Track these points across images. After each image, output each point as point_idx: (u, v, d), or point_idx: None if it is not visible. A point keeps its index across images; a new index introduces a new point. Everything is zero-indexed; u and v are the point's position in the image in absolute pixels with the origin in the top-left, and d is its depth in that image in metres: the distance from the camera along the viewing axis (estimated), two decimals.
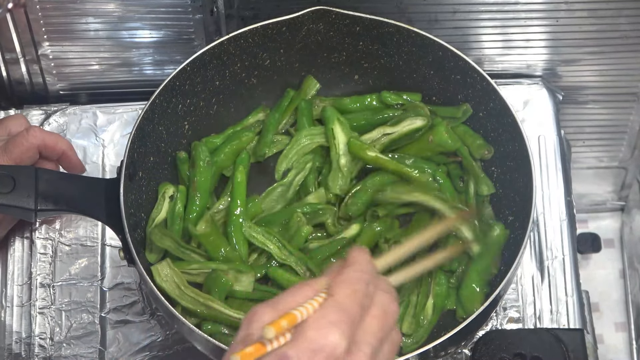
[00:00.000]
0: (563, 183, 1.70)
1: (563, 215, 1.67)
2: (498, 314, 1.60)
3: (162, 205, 1.53)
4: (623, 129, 1.92)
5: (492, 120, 1.57)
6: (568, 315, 1.60)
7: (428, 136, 1.57)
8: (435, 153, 1.58)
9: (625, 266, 2.06)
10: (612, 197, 2.08)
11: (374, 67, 1.65)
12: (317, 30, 1.61)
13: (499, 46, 1.78)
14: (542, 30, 1.74)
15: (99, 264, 1.63)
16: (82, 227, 1.65)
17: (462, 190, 1.58)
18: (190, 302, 1.44)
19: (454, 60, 1.57)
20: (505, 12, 1.71)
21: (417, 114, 1.57)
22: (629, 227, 2.05)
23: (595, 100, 1.87)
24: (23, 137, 1.52)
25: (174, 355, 1.57)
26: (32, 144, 1.52)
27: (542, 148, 1.72)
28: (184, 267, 1.48)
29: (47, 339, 1.59)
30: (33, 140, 1.52)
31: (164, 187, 1.55)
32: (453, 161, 1.59)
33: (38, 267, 1.63)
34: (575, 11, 1.70)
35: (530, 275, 1.63)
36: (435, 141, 1.56)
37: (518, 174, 1.51)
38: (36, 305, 1.60)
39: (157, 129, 1.55)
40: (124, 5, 1.70)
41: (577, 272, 1.64)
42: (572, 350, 1.44)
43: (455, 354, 1.54)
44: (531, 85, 1.78)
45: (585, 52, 1.78)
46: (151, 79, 1.80)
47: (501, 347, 1.44)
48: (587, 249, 1.99)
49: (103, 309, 1.61)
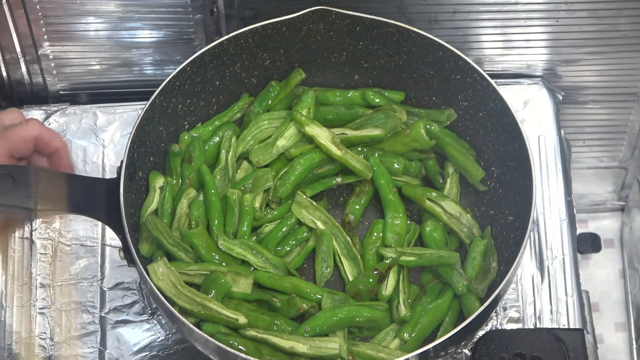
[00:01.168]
0: (563, 183, 1.70)
1: (563, 215, 1.67)
2: (498, 314, 1.60)
3: (154, 196, 1.53)
4: (623, 129, 1.92)
5: (492, 120, 1.57)
6: (568, 315, 1.60)
7: (405, 130, 1.58)
8: (410, 149, 1.59)
9: (625, 266, 2.06)
10: (612, 197, 2.08)
11: (374, 67, 1.65)
12: (317, 30, 1.61)
13: (499, 46, 1.78)
14: (542, 30, 1.75)
15: (99, 264, 1.63)
16: (82, 227, 1.65)
17: (441, 186, 1.59)
18: (187, 302, 1.44)
19: (454, 60, 1.57)
20: (505, 12, 1.71)
21: (385, 119, 1.59)
22: (629, 227, 2.05)
23: (595, 100, 1.87)
24: (22, 126, 1.52)
25: (174, 355, 1.57)
26: (30, 134, 1.52)
27: (542, 148, 1.72)
28: (182, 267, 1.48)
29: (47, 339, 1.59)
30: (32, 132, 1.52)
31: (154, 177, 1.55)
32: (426, 157, 1.61)
33: (38, 267, 1.63)
34: (575, 11, 1.70)
35: (530, 275, 1.63)
36: (412, 135, 1.57)
37: (518, 174, 1.51)
38: (36, 305, 1.60)
39: (157, 129, 1.55)
40: (124, 6, 1.70)
41: (577, 272, 1.64)
42: (572, 350, 1.44)
43: (455, 354, 1.54)
44: (531, 85, 1.79)
45: (585, 52, 1.78)
46: (151, 79, 1.80)
47: (501, 347, 1.44)
48: (587, 249, 1.99)
49: (103, 309, 1.61)
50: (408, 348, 1.47)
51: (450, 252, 1.52)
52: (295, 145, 1.60)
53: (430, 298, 1.51)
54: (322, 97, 1.64)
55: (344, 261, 1.55)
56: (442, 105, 1.63)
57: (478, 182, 1.59)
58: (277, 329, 1.46)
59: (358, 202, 1.61)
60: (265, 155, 1.60)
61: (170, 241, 1.49)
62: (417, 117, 1.62)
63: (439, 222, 1.56)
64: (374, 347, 1.47)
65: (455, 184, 1.60)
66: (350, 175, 1.60)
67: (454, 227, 1.55)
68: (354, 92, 1.65)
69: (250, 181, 1.58)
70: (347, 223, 1.58)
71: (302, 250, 1.56)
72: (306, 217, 1.57)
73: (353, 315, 1.46)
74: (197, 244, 1.49)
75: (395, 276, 1.52)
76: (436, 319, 1.49)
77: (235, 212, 1.54)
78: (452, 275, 1.50)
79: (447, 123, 1.61)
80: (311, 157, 1.58)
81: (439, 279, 1.53)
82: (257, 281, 1.51)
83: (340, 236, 1.56)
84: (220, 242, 1.51)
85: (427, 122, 1.57)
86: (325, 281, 1.55)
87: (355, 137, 1.59)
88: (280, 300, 1.48)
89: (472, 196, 1.61)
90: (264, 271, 1.52)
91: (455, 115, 1.61)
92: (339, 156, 1.56)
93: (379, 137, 1.59)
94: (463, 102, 1.60)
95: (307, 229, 1.57)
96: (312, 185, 1.60)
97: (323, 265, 1.55)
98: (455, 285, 1.49)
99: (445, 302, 1.50)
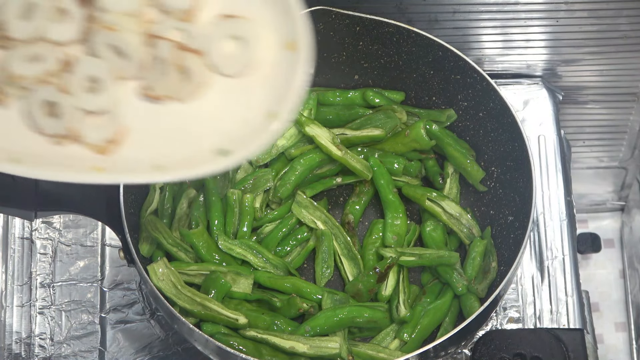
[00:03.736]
0: (563, 183, 1.70)
1: (563, 215, 1.67)
2: (498, 314, 1.60)
3: (154, 196, 1.53)
4: (623, 129, 1.92)
5: (492, 120, 1.57)
6: (568, 315, 1.60)
7: (405, 131, 1.58)
8: (410, 149, 1.59)
9: (625, 266, 2.06)
10: (612, 197, 2.08)
11: (374, 67, 1.65)
12: (317, 30, 1.61)
13: (499, 46, 1.78)
14: (542, 30, 1.75)
15: (99, 264, 1.63)
16: (82, 227, 1.65)
17: (441, 186, 1.59)
18: (187, 302, 1.44)
19: (454, 60, 1.57)
20: (505, 12, 1.71)
21: (385, 119, 1.59)
22: (629, 227, 2.05)
23: (595, 100, 1.87)
24: None
25: (173, 355, 1.57)
26: None
27: (542, 148, 1.72)
28: (182, 267, 1.48)
29: (47, 339, 1.59)
30: None
31: None
32: (426, 157, 1.61)
33: (38, 267, 1.63)
34: (575, 11, 1.70)
35: (530, 275, 1.63)
36: (412, 136, 1.57)
37: (518, 174, 1.51)
38: (36, 305, 1.61)
39: None
40: None
41: (577, 272, 1.64)
42: (572, 350, 1.44)
43: (455, 354, 1.54)
44: (531, 85, 1.79)
45: (585, 52, 1.78)
46: None
47: (501, 347, 1.44)
48: (587, 249, 1.99)
49: (103, 309, 1.61)
50: (408, 348, 1.47)
51: (450, 252, 1.52)
52: (295, 145, 1.60)
53: (430, 298, 1.51)
54: (322, 97, 1.64)
55: (344, 261, 1.55)
56: (442, 106, 1.63)
57: (478, 183, 1.59)
58: (277, 329, 1.46)
59: (358, 202, 1.61)
60: (265, 155, 1.60)
61: (170, 241, 1.49)
62: (417, 117, 1.62)
63: (439, 222, 1.56)
64: (374, 347, 1.47)
65: (455, 184, 1.60)
66: (350, 175, 1.60)
67: (453, 227, 1.55)
68: (354, 92, 1.65)
69: (250, 181, 1.58)
70: (347, 223, 1.58)
71: (302, 250, 1.56)
72: (306, 217, 1.57)
73: (353, 315, 1.46)
74: (197, 244, 1.49)
75: (395, 276, 1.52)
76: (436, 320, 1.49)
77: (236, 212, 1.54)
78: (452, 275, 1.50)
79: (447, 123, 1.61)
80: (311, 158, 1.58)
81: (439, 279, 1.53)
82: (257, 281, 1.51)
83: (340, 236, 1.56)
84: (220, 242, 1.51)
85: (427, 122, 1.57)
86: (325, 281, 1.55)
87: (355, 137, 1.59)
88: (280, 300, 1.48)
89: (472, 196, 1.61)
90: (264, 271, 1.52)
91: (455, 115, 1.61)
92: (339, 156, 1.56)
93: (379, 138, 1.59)
94: (463, 102, 1.60)
95: (307, 229, 1.57)
96: (312, 185, 1.60)
97: (323, 265, 1.55)
98: (455, 286, 1.49)
99: (445, 303, 1.50)
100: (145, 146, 1.14)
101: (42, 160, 1.13)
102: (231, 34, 1.16)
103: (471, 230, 1.55)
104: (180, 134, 1.15)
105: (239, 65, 1.16)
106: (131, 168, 1.12)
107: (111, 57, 1.14)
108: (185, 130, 1.15)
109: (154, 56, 1.15)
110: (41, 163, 1.13)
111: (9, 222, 1.65)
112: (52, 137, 1.14)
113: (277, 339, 1.43)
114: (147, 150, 1.14)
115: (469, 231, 1.55)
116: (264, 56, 1.16)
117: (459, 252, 1.53)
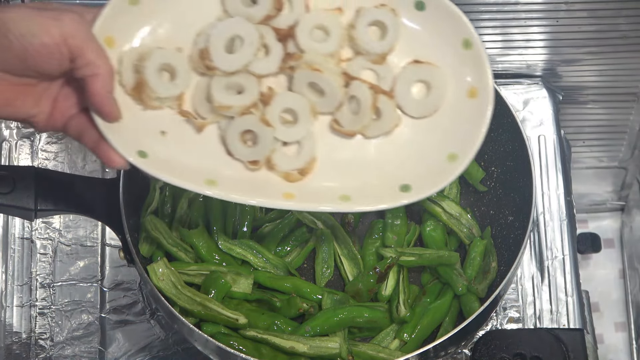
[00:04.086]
0: (563, 183, 1.70)
1: (563, 215, 1.67)
2: (498, 314, 1.60)
3: (154, 196, 1.53)
4: (623, 129, 1.92)
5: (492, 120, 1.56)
6: (568, 315, 1.60)
7: None
8: None
9: (625, 266, 2.06)
10: (612, 197, 2.08)
11: None
12: None
13: (499, 46, 1.77)
14: (542, 30, 1.74)
15: (99, 264, 1.63)
16: (82, 227, 1.65)
17: None
18: (187, 302, 1.44)
19: None
20: (505, 12, 1.71)
21: None
22: (629, 227, 2.05)
23: (595, 100, 1.87)
24: None
25: (173, 355, 1.57)
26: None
27: (542, 148, 1.72)
28: (182, 267, 1.48)
29: (47, 339, 1.59)
30: None
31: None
32: None
33: (38, 267, 1.63)
34: (575, 11, 1.70)
35: (530, 275, 1.63)
36: None
37: (518, 174, 1.51)
38: (36, 305, 1.60)
39: None
40: None
41: (577, 272, 1.64)
42: (572, 350, 1.44)
43: (455, 354, 1.54)
44: (531, 85, 1.79)
45: (585, 52, 1.78)
46: None
47: (501, 347, 1.44)
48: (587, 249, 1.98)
49: (103, 309, 1.61)
50: (408, 348, 1.47)
51: (450, 252, 1.52)
52: None
53: (430, 298, 1.51)
54: None
55: (344, 261, 1.55)
56: None
57: (478, 183, 1.59)
58: (277, 329, 1.46)
59: None
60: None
61: (170, 241, 1.49)
62: None
63: (439, 222, 1.56)
64: (374, 347, 1.47)
65: (455, 184, 1.60)
66: None
67: (453, 227, 1.55)
68: None
69: None
70: (347, 223, 1.58)
71: (302, 250, 1.56)
72: (306, 217, 1.56)
73: (353, 315, 1.46)
74: (197, 244, 1.49)
75: (395, 276, 1.52)
76: (436, 320, 1.49)
77: (236, 212, 1.54)
78: (452, 275, 1.50)
79: None
80: None
81: (439, 279, 1.53)
82: (257, 281, 1.51)
83: (340, 236, 1.56)
84: (220, 242, 1.51)
85: None
86: (325, 281, 1.55)
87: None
88: (280, 300, 1.48)
89: (472, 196, 1.61)
90: (264, 271, 1.52)
91: None
92: None
93: None
94: None
95: (307, 229, 1.57)
96: None
97: (323, 265, 1.55)
98: (455, 285, 1.49)
99: (445, 303, 1.50)
100: (332, 177, 1.22)
101: (237, 184, 1.20)
102: (419, 79, 1.23)
103: (471, 230, 1.55)
104: (366, 168, 1.23)
105: (424, 108, 1.23)
106: (319, 197, 1.20)
107: (310, 94, 1.22)
108: (371, 164, 1.23)
109: (349, 95, 1.22)
110: (235, 187, 1.19)
111: (9, 222, 1.65)
112: (248, 163, 1.21)
113: (277, 339, 1.43)
114: (333, 181, 1.22)
115: (469, 231, 1.55)
116: (448, 101, 1.23)
117: (459, 252, 1.53)
